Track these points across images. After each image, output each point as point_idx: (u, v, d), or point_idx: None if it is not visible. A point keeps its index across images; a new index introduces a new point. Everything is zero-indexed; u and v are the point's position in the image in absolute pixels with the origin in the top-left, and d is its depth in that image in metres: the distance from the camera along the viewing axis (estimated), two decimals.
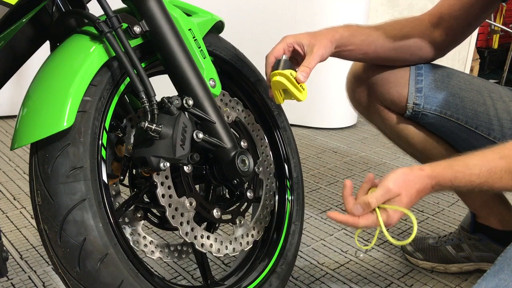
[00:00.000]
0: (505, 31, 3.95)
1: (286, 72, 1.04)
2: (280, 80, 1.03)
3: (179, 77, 0.99)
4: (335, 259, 1.46)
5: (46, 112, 0.84)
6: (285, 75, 1.03)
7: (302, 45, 1.09)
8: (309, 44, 1.09)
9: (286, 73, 1.04)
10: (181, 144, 0.91)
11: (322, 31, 1.12)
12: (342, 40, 1.13)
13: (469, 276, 1.39)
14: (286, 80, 1.03)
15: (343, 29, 1.14)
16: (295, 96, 1.05)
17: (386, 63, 1.23)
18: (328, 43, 1.10)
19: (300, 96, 1.05)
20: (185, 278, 1.36)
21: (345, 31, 1.14)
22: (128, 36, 0.94)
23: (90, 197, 0.84)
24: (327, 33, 1.12)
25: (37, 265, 1.37)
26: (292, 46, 1.09)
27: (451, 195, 1.88)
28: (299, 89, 1.05)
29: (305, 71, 1.05)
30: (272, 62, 1.08)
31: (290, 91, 1.04)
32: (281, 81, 1.03)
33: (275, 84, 1.05)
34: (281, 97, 1.08)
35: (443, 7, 1.19)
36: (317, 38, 1.09)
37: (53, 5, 0.95)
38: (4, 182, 1.89)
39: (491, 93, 1.21)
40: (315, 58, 1.07)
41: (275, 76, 1.04)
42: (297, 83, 1.04)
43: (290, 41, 1.09)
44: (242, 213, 1.13)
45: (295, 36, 1.10)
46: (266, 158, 1.21)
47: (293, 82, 1.04)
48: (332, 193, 1.91)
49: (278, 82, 1.04)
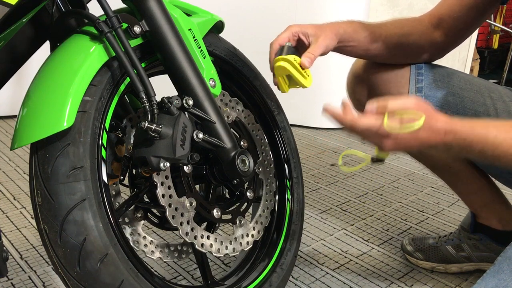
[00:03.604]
0: (505, 31, 3.95)
1: (289, 57, 1.02)
2: (283, 65, 1.01)
3: (179, 77, 0.99)
4: (335, 259, 1.46)
5: (46, 112, 0.84)
6: (289, 60, 1.01)
7: (307, 34, 1.09)
8: (315, 34, 1.09)
9: (290, 58, 1.02)
10: (181, 144, 0.91)
11: (327, 24, 1.12)
12: (345, 35, 1.13)
13: (469, 276, 1.39)
14: (289, 65, 1.01)
15: (347, 24, 1.15)
16: (300, 82, 1.02)
17: (387, 61, 1.23)
18: (333, 36, 1.10)
19: (304, 82, 1.02)
20: (185, 278, 1.36)
21: (348, 26, 1.14)
22: (128, 36, 0.94)
23: (90, 197, 0.84)
24: (331, 26, 1.12)
25: (37, 265, 1.37)
26: (297, 35, 1.09)
27: (451, 195, 1.88)
28: (303, 75, 1.02)
29: (310, 57, 1.04)
30: (276, 49, 1.07)
31: (293, 76, 1.02)
32: (284, 66, 1.01)
33: (278, 70, 1.03)
34: (285, 84, 1.05)
35: (443, 8, 1.20)
36: (322, 30, 1.10)
37: (53, 5, 0.95)
38: (4, 182, 1.89)
39: (491, 93, 1.21)
40: (320, 47, 1.06)
41: (278, 61, 1.03)
42: (302, 69, 1.02)
43: (296, 30, 1.09)
44: (242, 213, 1.13)
45: (301, 26, 1.09)
46: (266, 158, 1.21)
47: (297, 68, 1.02)
48: (332, 193, 1.91)
49: (281, 67, 1.02)
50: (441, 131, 0.86)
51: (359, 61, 1.29)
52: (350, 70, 1.32)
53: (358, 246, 1.54)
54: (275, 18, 2.54)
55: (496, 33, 4.32)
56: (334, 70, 2.39)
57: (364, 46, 1.17)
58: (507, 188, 1.31)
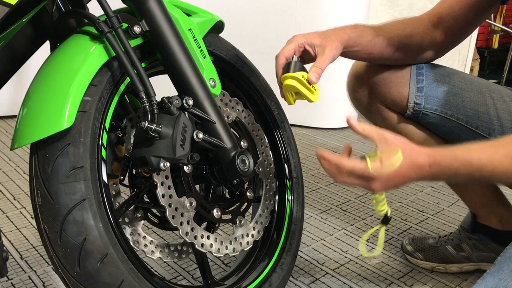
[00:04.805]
0: (505, 31, 3.95)
1: (297, 74, 1.02)
2: (292, 84, 1.02)
3: (179, 77, 0.99)
4: (335, 259, 1.46)
5: (46, 112, 0.84)
6: (297, 78, 1.02)
7: (314, 45, 1.08)
8: (321, 45, 1.08)
9: (298, 75, 1.02)
10: (181, 144, 0.91)
11: (331, 32, 1.12)
12: (350, 41, 1.13)
13: (469, 276, 1.39)
14: (298, 83, 1.02)
15: (351, 30, 1.14)
16: (307, 98, 1.04)
17: (389, 63, 1.23)
18: (338, 44, 1.10)
19: (312, 97, 1.04)
20: (185, 278, 1.36)
21: (352, 32, 1.14)
22: (128, 36, 0.94)
23: (90, 197, 0.83)
24: (336, 34, 1.11)
25: (37, 265, 1.37)
26: (303, 47, 1.08)
27: (451, 195, 1.88)
28: (311, 90, 1.03)
29: (317, 72, 1.04)
30: (283, 63, 1.06)
31: (302, 93, 1.03)
32: (293, 84, 1.02)
33: (287, 87, 1.04)
34: (292, 98, 1.06)
35: (443, 7, 1.20)
36: (327, 39, 1.09)
37: (53, 5, 0.95)
38: (4, 182, 1.89)
39: (491, 93, 1.21)
40: (327, 59, 1.06)
41: (286, 79, 1.03)
42: (309, 84, 1.03)
43: (301, 42, 1.08)
44: (242, 213, 1.13)
45: (306, 36, 1.08)
46: (266, 158, 1.21)
47: (305, 84, 1.02)
48: (332, 193, 1.91)
49: (290, 85, 1.03)
50: (425, 165, 0.89)
51: (359, 61, 1.29)
52: (350, 70, 1.32)
53: (358, 246, 1.54)
54: (275, 18, 2.54)
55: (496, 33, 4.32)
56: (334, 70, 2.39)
57: (367, 50, 1.17)
58: (507, 188, 1.31)
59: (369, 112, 1.32)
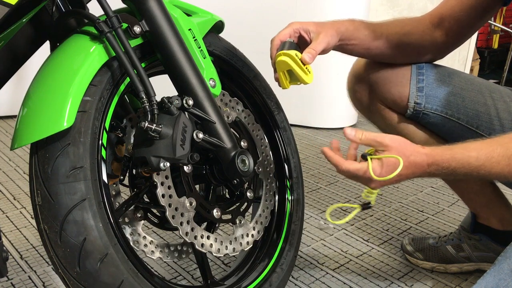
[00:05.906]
0: (505, 31, 3.95)
1: (291, 52, 1.02)
2: (285, 60, 1.01)
3: (179, 77, 0.99)
4: (335, 259, 1.46)
5: (46, 112, 0.84)
6: (290, 55, 1.01)
7: (309, 31, 1.09)
8: (316, 31, 1.09)
9: (291, 53, 1.01)
10: (181, 144, 0.91)
11: (328, 22, 1.13)
12: (347, 33, 1.13)
13: (469, 276, 1.39)
14: (291, 60, 1.01)
15: (348, 22, 1.15)
16: (301, 78, 1.02)
17: (388, 61, 1.23)
18: (334, 33, 1.10)
19: (305, 78, 1.02)
20: (185, 278, 1.36)
21: (349, 25, 1.14)
22: (128, 36, 0.94)
23: (90, 197, 0.83)
24: (333, 23, 1.12)
25: (37, 265, 1.37)
26: (298, 32, 1.09)
27: (451, 195, 1.88)
28: (304, 71, 1.02)
29: (311, 52, 1.04)
30: (278, 44, 1.07)
31: (295, 71, 1.02)
32: (285, 60, 1.01)
33: (279, 65, 1.03)
34: (286, 81, 1.05)
35: (444, 8, 1.20)
36: (323, 27, 1.10)
37: (53, 5, 0.95)
38: (4, 182, 1.89)
39: (492, 93, 1.21)
40: (321, 43, 1.07)
41: (279, 56, 1.02)
42: (303, 65, 1.02)
43: (297, 27, 1.09)
44: (242, 213, 1.13)
45: (302, 23, 1.10)
46: (266, 158, 1.21)
47: (298, 63, 1.02)
48: (332, 193, 1.91)
49: (282, 62, 1.02)
50: (423, 164, 0.91)
51: (359, 61, 1.29)
52: (350, 69, 1.32)
53: (358, 246, 1.54)
54: (275, 18, 2.53)
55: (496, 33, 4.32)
56: (335, 70, 2.39)
57: (365, 44, 1.17)
58: (507, 188, 1.31)
59: (369, 112, 1.32)
